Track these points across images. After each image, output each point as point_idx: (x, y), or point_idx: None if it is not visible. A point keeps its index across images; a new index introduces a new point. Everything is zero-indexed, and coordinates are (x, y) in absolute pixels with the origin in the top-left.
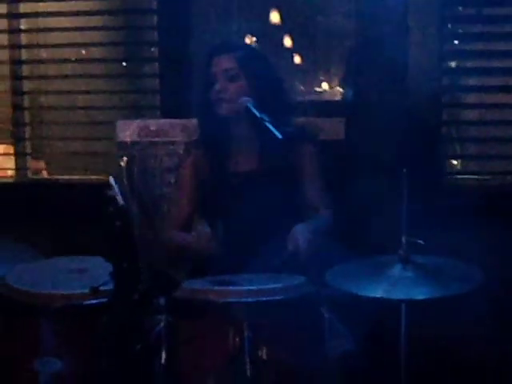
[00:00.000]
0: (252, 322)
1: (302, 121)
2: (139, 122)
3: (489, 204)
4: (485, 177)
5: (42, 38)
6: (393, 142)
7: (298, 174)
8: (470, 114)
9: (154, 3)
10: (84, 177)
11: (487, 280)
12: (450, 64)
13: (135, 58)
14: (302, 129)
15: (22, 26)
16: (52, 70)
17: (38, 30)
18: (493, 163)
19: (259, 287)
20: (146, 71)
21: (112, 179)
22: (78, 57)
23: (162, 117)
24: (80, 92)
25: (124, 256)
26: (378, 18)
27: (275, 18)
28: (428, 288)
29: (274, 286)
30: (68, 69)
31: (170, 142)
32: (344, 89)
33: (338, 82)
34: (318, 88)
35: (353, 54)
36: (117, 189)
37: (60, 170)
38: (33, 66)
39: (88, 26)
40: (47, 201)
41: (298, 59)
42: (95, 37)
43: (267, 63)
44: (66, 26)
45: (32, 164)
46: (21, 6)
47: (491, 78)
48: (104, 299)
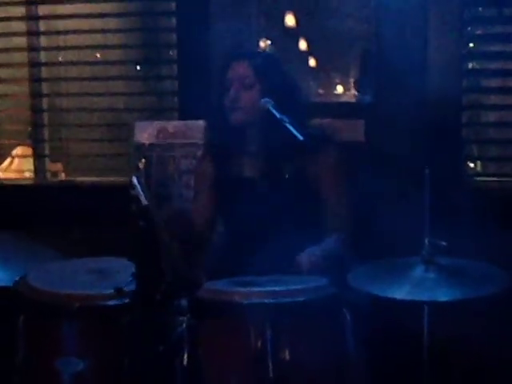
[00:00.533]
0: (274, 323)
1: (321, 122)
2: (157, 123)
3: (509, 205)
4: (505, 178)
5: (60, 41)
6: (412, 143)
7: (316, 180)
8: (490, 116)
9: (173, 5)
10: (102, 179)
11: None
12: (469, 65)
13: (154, 60)
14: (322, 131)
15: (41, 29)
16: (71, 72)
17: (57, 33)
18: None
19: (282, 288)
20: (165, 73)
21: (135, 179)
22: (97, 59)
23: (180, 118)
24: (98, 94)
25: (147, 256)
26: (396, 19)
27: (290, 21)
28: (451, 290)
29: (296, 287)
30: (86, 71)
31: (188, 143)
32: (360, 91)
33: (353, 84)
34: (333, 91)
35: (370, 56)
36: (140, 188)
37: (78, 172)
38: (51, 68)
39: (106, 29)
40: (66, 202)
41: (313, 62)
42: (114, 39)
43: (282, 69)
44: (85, 29)
45: (50, 166)
46: (39, 8)
47: (511, 79)
48: (126, 299)
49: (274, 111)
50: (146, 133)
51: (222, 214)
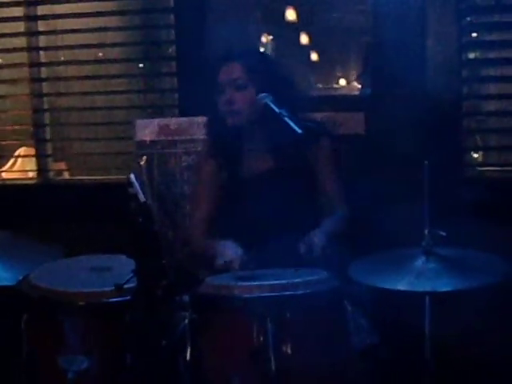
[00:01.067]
0: (276, 317)
1: (321, 116)
2: (158, 120)
3: (510, 195)
4: (506, 168)
5: (59, 40)
6: (413, 134)
7: (314, 170)
8: (491, 105)
9: (171, 2)
10: (105, 177)
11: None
12: (469, 55)
13: (153, 57)
14: (318, 123)
15: (40, 29)
16: (71, 71)
17: (56, 32)
18: None
19: (283, 282)
20: (164, 70)
21: (133, 176)
22: (96, 58)
23: (181, 115)
24: (99, 93)
25: (147, 252)
26: (395, 12)
27: (291, 15)
28: (452, 280)
29: (297, 280)
30: (86, 70)
31: (190, 140)
32: (362, 83)
33: (355, 77)
34: (335, 84)
35: (370, 48)
36: (138, 186)
37: (81, 171)
38: (52, 68)
39: (105, 27)
40: (69, 201)
41: (314, 56)
42: (113, 37)
43: (274, 65)
44: (84, 28)
45: (53, 165)
46: (38, 8)
47: (511, 68)
48: (128, 297)
49: (273, 105)
50: (147, 130)
51: (229, 211)
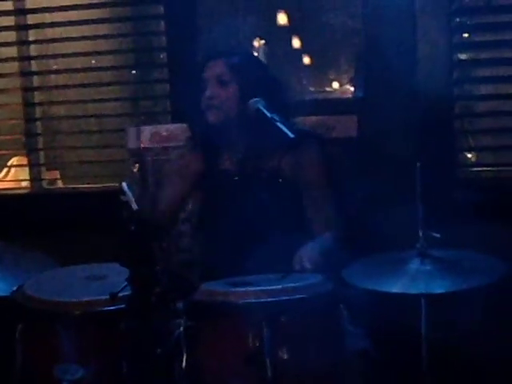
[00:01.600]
0: (271, 322)
1: (314, 119)
2: (151, 128)
3: (504, 195)
4: (500, 168)
5: (50, 49)
6: (406, 136)
7: (300, 176)
8: (483, 106)
9: (161, 9)
10: (99, 185)
11: (507, 272)
12: (460, 56)
13: (144, 64)
14: (306, 128)
15: (31, 38)
16: (62, 79)
17: (47, 41)
18: (507, 154)
19: (278, 287)
20: (156, 77)
21: (125, 185)
22: (88, 65)
23: (173, 121)
24: (91, 101)
25: (140, 260)
26: (384, 14)
27: (283, 19)
28: (447, 281)
29: (292, 285)
30: (78, 78)
31: (182, 146)
32: (354, 86)
33: (348, 80)
34: (328, 87)
35: (362, 51)
36: (130, 194)
37: (74, 179)
38: (43, 76)
39: (96, 35)
40: (63, 210)
41: (307, 60)
42: (104, 45)
43: (262, 67)
44: (74, 36)
45: (46, 174)
46: (28, 17)
47: (503, 68)
48: (123, 305)
49: (265, 111)
50: (139, 137)
51: (210, 210)
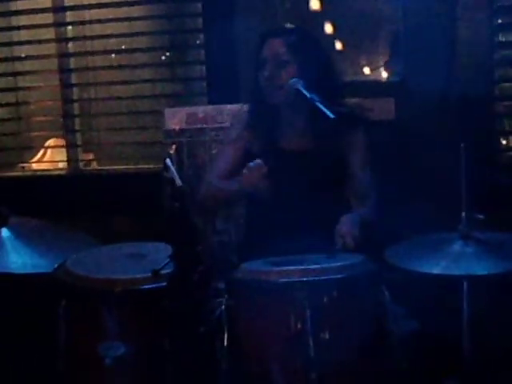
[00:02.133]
0: (313, 302)
1: (352, 101)
2: (187, 109)
3: None
4: None
5: (87, 31)
6: (443, 119)
7: (347, 157)
8: None
9: None
10: (134, 166)
11: None
12: (501, 38)
13: (181, 45)
14: (354, 111)
15: (68, 19)
16: (99, 61)
17: (83, 23)
18: None
19: (320, 266)
20: (192, 58)
21: (169, 161)
22: (124, 47)
23: (209, 103)
24: (127, 82)
25: (183, 237)
26: None
27: (315, 5)
28: (490, 263)
29: (334, 264)
30: (114, 60)
31: (218, 128)
32: (390, 70)
33: (380, 65)
34: (360, 72)
35: (399, 34)
36: (174, 170)
37: (110, 161)
38: (80, 58)
39: (132, 16)
40: (99, 191)
41: (339, 45)
42: (140, 26)
43: (318, 46)
44: (111, 18)
45: (83, 156)
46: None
47: None
48: (164, 283)
49: (304, 91)
50: (175, 119)
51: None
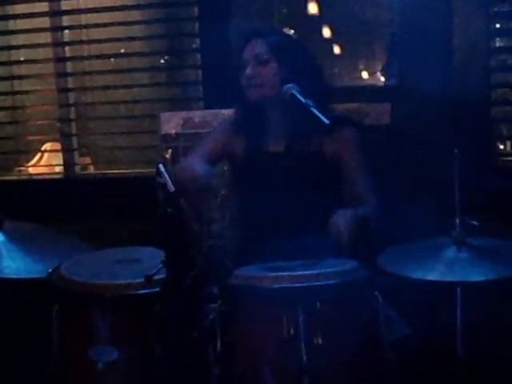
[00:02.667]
0: (306, 307)
1: (347, 106)
2: (183, 113)
3: None
4: None
5: (84, 35)
6: (439, 124)
7: (339, 161)
8: None
9: None
10: (130, 170)
11: None
12: (497, 43)
13: (177, 50)
14: (344, 114)
15: (65, 24)
16: (95, 66)
17: (80, 27)
18: None
19: (313, 272)
20: (188, 63)
21: (162, 166)
22: (120, 51)
23: (206, 108)
24: (123, 86)
25: (176, 242)
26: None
27: (313, 9)
28: (484, 270)
29: (327, 270)
30: (111, 64)
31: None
32: (386, 75)
33: (378, 69)
34: (358, 77)
35: (396, 38)
36: (167, 176)
37: (106, 165)
38: (76, 63)
39: (129, 21)
40: (95, 195)
41: (337, 49)
42: (136, 31)
43: (302, 49)
44: (107, 22)
45: (79, 160)
46: (62, 3)
47: None
48: (157, 288)
49: (299, 96)
50: (171, 123)
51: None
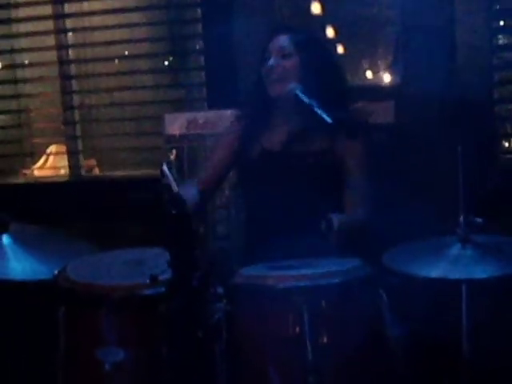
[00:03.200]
0: (311, 306)
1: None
2: (187, 115)
3: None
4: None
5: (88, 37)
6: (443, 122)
7: (342, 165)
8: None
9: None
10: (135, 172)
11: None
12: (499, 41)
13: (180, 52)
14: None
15: (68, 26)
16: (99, 68)
17: (84, 29)
18: None
19: (317, 271)
20: (192, 65)
21: (165, 167)
22: (124, 54)
23: (209, 109)
24: (127, 88)
25: (180, 243)
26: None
27: (316, 9)
28: (489, 267)
29: (331, 269)
30: (115, 66)
31: (218, 133)
32: (391, 74)
33: (382, 68)
34: (362, 76)
35: (400, 38)
36: (171, 176)
37: (111, 167)
38: (80, 65)
39: (132, 23)
40: (100, 197)
41: (340, 49)
42: (140, 33)
43: (325, 50)
44: (111, 24)
45: (84, 162)
46: (65, 6)
47: None
48: (163, 288)
49: (303, 96)
50: (176, 124)
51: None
